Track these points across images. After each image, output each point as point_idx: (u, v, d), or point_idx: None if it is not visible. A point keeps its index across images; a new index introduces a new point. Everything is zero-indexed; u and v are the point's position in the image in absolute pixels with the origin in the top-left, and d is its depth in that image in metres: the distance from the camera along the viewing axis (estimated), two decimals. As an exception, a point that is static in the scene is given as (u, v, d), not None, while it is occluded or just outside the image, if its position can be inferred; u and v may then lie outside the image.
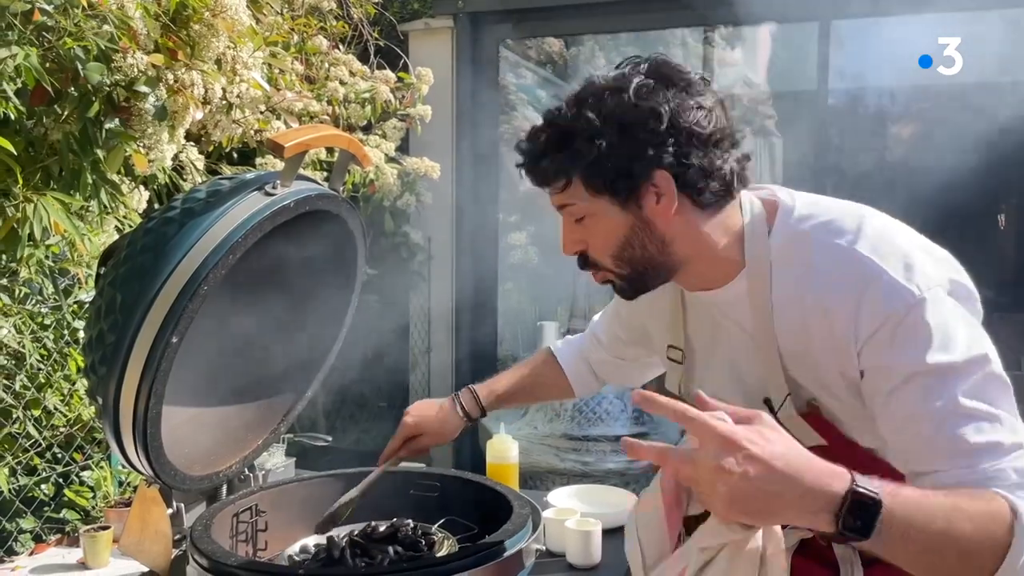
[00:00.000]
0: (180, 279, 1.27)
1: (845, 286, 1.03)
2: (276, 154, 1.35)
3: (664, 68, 1.06)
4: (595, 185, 1.07)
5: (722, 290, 1.15)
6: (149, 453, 1.32)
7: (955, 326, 1.00)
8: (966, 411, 0.97)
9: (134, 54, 1.67)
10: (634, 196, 1.06)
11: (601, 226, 1.10)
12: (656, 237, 1.09)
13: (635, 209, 1.07)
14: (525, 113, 4.29)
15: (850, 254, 1.04)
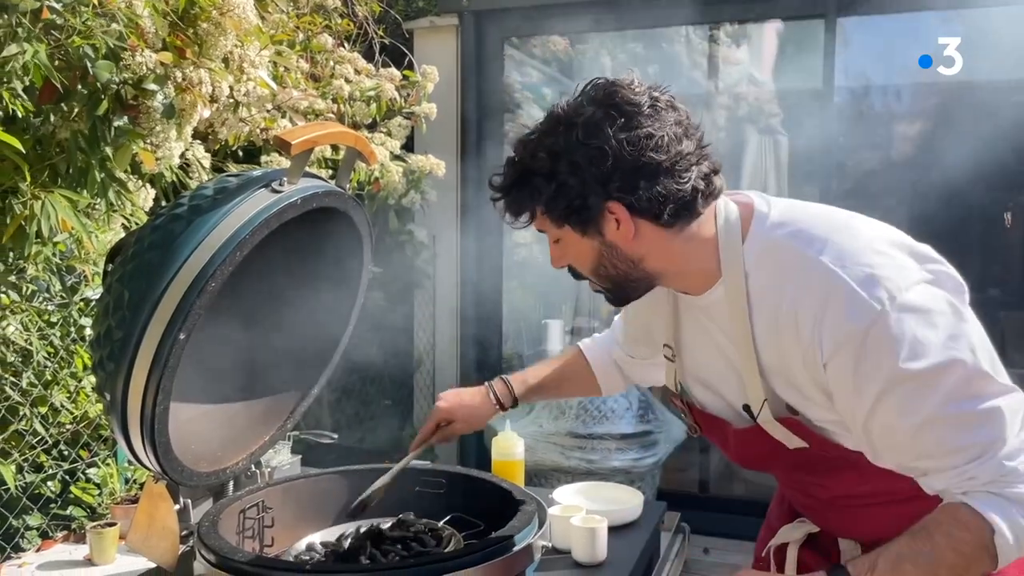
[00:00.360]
0: (188, 276, 1.27)
1: (810, 298, 1.05)
2: (283, 151, 1.35)
3: (614, 96, 1.08)
4: (555, 218, 1.13)
5: (702, 296, 1.19)
6: (157, 449, 1.33)
7: (924, 333, 1.01)
8: (945, 417, 1.01)
9: (142, 52, 1.68)
10: (593, 225, 1.11)
11: (572, 250, 1.16)
12: (623, 257, 1.14)
13: (597, 235, 1.12)
14: (530, 111, 4.29)
15: (815, 264, 1.06)
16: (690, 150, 1.09)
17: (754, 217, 1.14)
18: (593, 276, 1.18)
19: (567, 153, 1.08)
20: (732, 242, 1.13)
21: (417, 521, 1.55)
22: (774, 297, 1.09)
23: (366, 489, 1.52)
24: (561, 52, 4.46)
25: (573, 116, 1.09)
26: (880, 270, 1.04)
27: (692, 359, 1.28)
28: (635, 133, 1.06)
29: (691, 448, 3.83)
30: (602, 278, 1.18)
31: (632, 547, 1.66)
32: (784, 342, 1.09)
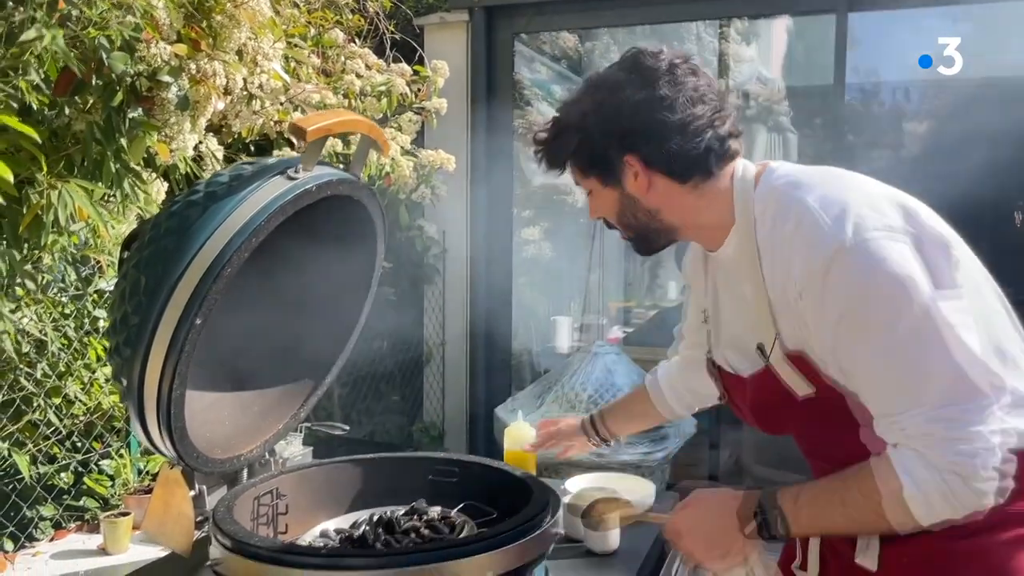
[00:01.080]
0: (204, 261, 1.28)
1: (791, 232, 1.15)
2: (298, 138, 1.36)
3: (637, 61, 1.23)
4: (581, 169, 1.29)
5: (719, 251, 1.29)
6: (173, 434, 1.34)
7: (887, 275, 1.07)
8: (890, 358, 1.08)
9: (157, 44, 1.69)
10: (614, 176, 1.26)
11: (600, 200, 1.31)
12: (642, 208, 1.27)
13: (618, 186, 1.26)
14: (539, 108, 4.29)
15: (797, 203, 1.16)
16: (704, 113, 1.21)
17: (765, 170, 1.25)
18: (619, 225, 1.32)
19: (593, 111, 1.23)
20: (745, 193, 1.24)
21: (430, 509, 1.55)
22: (771, 238, 1.19)
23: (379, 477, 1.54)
24: (570, 49, 4.47)
25: (602, 79, 1.26)
26: (856, 209, 1.11)
27: (721, 316, 1.37)
28: (650, 93, 1.19)
29: (700, 444, 3.83)
30: (626, 227, 1.31)
31: (644, 537, 1.66)
32: (783, 284, 1.17)
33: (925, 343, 1.06)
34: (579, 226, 4.90)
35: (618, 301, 4.95)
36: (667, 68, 1.21)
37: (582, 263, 4.87)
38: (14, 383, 2.13)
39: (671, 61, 1.22)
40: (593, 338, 4.36)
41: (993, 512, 1.08)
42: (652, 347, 4.00)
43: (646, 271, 5.23)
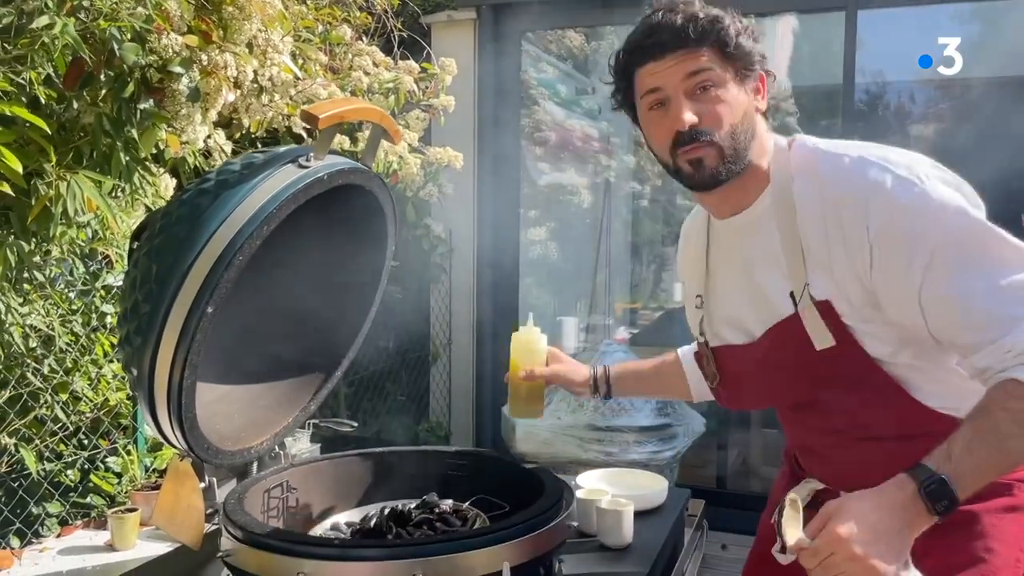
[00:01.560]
0: (215, 249, 1.27)
1: (856, 184, 1.16)
2: (311, 125, 1.34)
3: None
4: (730, 56, 1.22)
5: (749, 210, 1.29)
6: (183, 424, 1.32)
7: (960, 205, 1.13)
8: (986, 286, 1.09)
9: (168, 35, 1.68)
10: (750, 80, 1.24)
11: (728, 95, 1.23)
12: (752, 125, 1.25)
13: (747, 93, 1.24)
14: (546, 107, 4.29)
15: (856, 159, 1.19)
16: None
17: (796, 140, 1.29)
18: (731, 129, 1.23)
19: (744, 23, 1.25)
20: (780, 152, 1.27)
21: (442, 502, 1.54)
22: (816, 196, 1.20)
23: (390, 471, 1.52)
24: (576, 48, 4.46)
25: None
26: (912, 164, 1.17)
27: (722, 289, 1.39)
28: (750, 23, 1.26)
29: (709, 444, 3.81)
30: (734, 136, 1.23)
31: (658, 532, 1.65)
32: (828, 240, 1.19)
33: (1012, 263, 1.10)
34: (585, 226, 4.89)
35: (624, 302, 4.93)
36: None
37: (588, 264, 4.85)
38: (21, 378, 2.11)
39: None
40: (599, 339, 4.35)
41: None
42: (658, 348, 3.98)
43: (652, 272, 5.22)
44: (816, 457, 1.38)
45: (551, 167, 4.52)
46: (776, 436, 3.85)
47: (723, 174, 1.25)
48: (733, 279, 1.36)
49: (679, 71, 1.21)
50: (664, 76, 1.22)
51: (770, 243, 1.26)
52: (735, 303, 1.35)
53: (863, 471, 1.25)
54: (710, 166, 1.24)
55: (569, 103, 4.55)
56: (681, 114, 1.21)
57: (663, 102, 1.24)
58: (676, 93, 1.22)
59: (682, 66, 1.21)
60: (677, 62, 1.21)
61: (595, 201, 4.85)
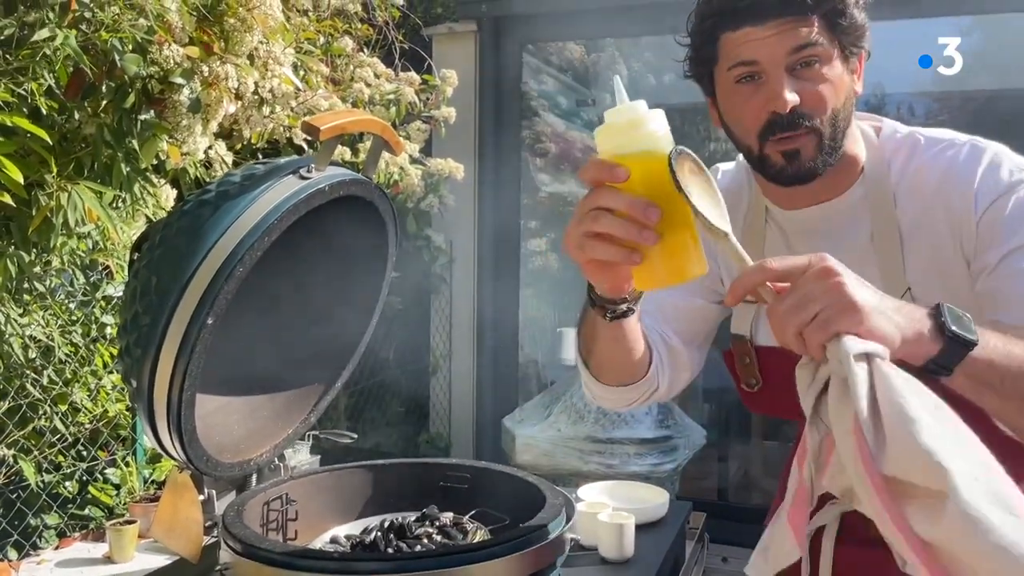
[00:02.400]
0: (216, 260, 1.26)
1: (968, 166, 1.08)
2: (312, 136, 1.34)
3: None
4: (840, 31, 1.06)
5: (838, 200, 1.16)
6: (183, 436, 1.31)
7: None
8: None
9: (170, 46, 1.68)
10: (852, 59, 1.10)
11: (834, 75, 1.07)
12: (851, 111, 1.12)
13: (850, 73, 1.10)
14: (547, 118, 4.29)
15: (962, 143, 1.11)
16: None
17: (883, 127, 1.18)
18: (833, 113, 1.07)
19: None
20: (871, 138, 1.16)
21: (442, 515, 1.53)
22: (921, 183, 1.11)
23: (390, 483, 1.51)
24: (576, 60, 4.47)
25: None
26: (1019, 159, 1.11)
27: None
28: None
29: (710, 456, 3.80)
30: (835, 121, 1.08)
31: (659, 545, 1.64)
32: (933, 218, 1.10)
33: None
34: (586, 237, 4.88)
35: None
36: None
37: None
38: (20, 389, 2.11)
39: None
40: (600, 350, 4.33)
41: None
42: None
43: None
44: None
45: (552, 178, 4.52)
46: (777, 448, 3.83)
47: (820, 167, 1.10)
48: None
49: (783, 42, 1.03)
50: (763, 46, 1.03)
51: (857, 239, 1.14)
52: None
53: None
54: (807, 158, 1.08)
55: (570, 114, 4.56)
56: (782, 92, 1.03)
57: (756, 76, 1.06)
58: (776, 68, 1.04)
59: (787, 37, 1.03)
60: (780, 31, 1.03)
61: (596, 212, 4.85)
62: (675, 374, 1.32)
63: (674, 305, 1.32)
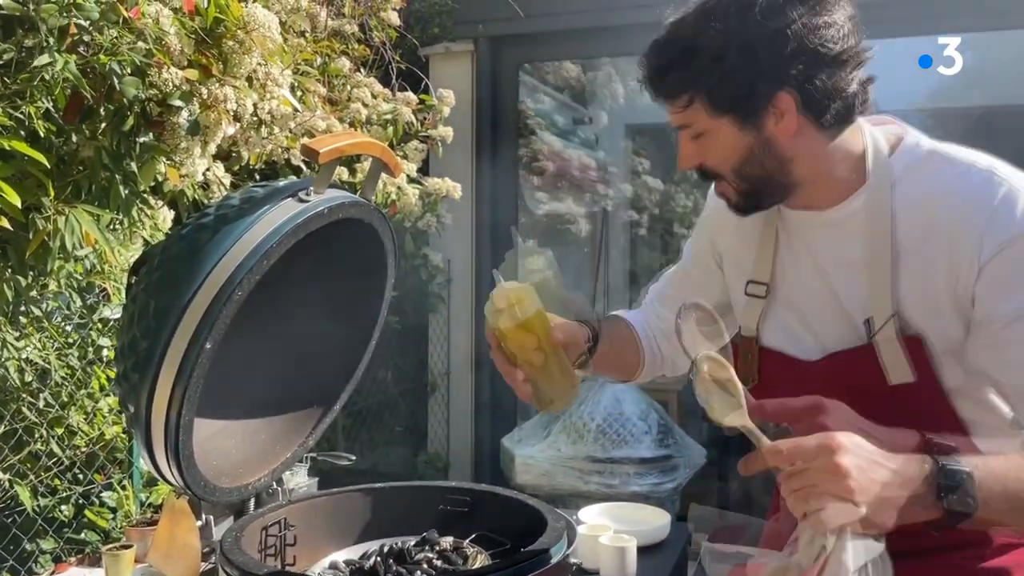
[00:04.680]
0: (214, 285, 1.26)
1: (976, 201, 1.03)
2: (311, 159, 1.34)
3: None
4: (717, 106, 1.05)
5: (834, 209, 1.13)
6: (180, 462, 1.30)
7: None
8: None
9: (168, 69, 1.68)
10: (754, 117, 1.05)
11: (720, 144, 1.08)
12: (775, 156, 1.08)
13: (755, 130, 1.06)
14: (543, 137, 4.31)
15: (981, 172, 1.05)
16: (856, 47, 1.04)
17: (905, 139, 1.12)
18: (734, 175, 1.10)
19: (740, 34, 1.01)
20: (880, 151, 1.10)
21: (442, 539, 1.51)
22: (925, 204, 1.07)
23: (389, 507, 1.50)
24: (573, 79, 4.50)
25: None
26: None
27: (786, 295, 1.21)
28: (817, 20, 1.01)
29: (710, 474, 3.77)
30: (744, 178, 1.10)
31: (661, 568, 1.62)
32: (931, 251, 1.06)
33: None
34: (583, 255, 4.89)
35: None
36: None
37: (587, 292, 4.84)
38: (16, 413, 2.09)
39: None
40: (598, 368, 4.32)
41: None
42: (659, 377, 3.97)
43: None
44: None
45: (549, 196, 4.53)
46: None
47: (751, 207, 1.13)
48: (804, 277, 1.19)
49: (673, 117, 1.10)
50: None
51: (851, 252, 1.12)
52: (803, 306, 1.19)
53: None
54: (735, 203, 1.13)
55: (566, 133, 4.58)
56: (681, 155, 1.12)
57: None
58: (679, 131, 1.11)
59: (673, 115, 1.10)
60: (667, 107, 1.10)
61: (593, 230, 4.86)
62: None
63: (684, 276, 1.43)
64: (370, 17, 3.07)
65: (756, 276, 1.24)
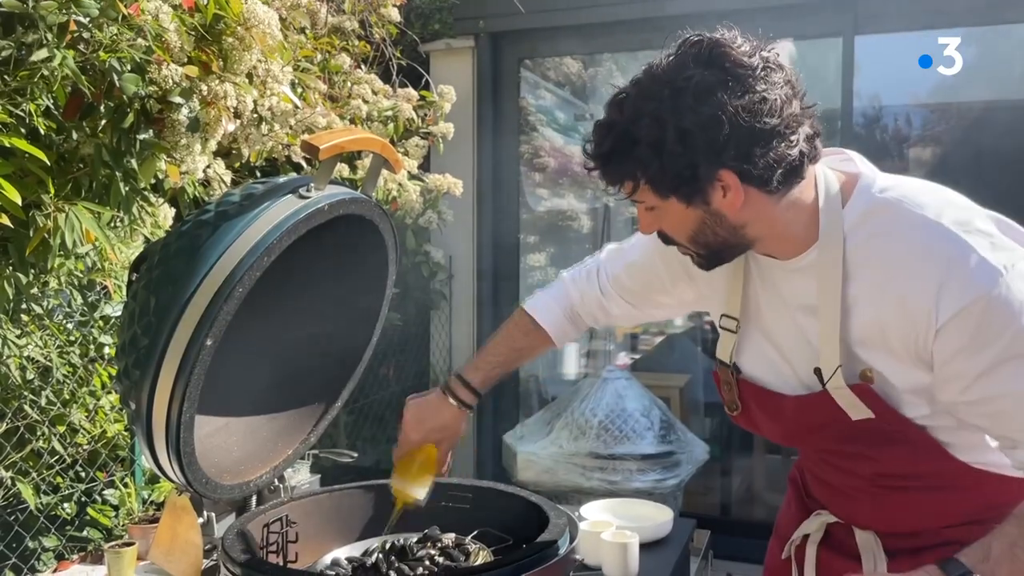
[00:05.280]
0: (215, 281, 1.25)
1: (930, 259, 1.03)
2: (311, 156, 1.34)
3: (724, 59, 1.02)
4: (657, 190, 1.08)
5: (791, 262, 1.16)
6: (181, 459, 1.30)
7: None
8: None
9: (168, 66, 1.68)
10: (700, 195, 1.07)
11: (671, 219, 1.12)
12: (727, 225, 1.10)
13: (703, 205, 1.08)
14: (544, 133, 4.30)
15: (935, 227, 1.04)
16: (797, 111, 1.05)
17: (860, 182, 1.12)
18: (689, 244, 1.15)
19: (676, 119, 1.02)
20: (832, 205, 1.11)
21: (444, 536, 1.51)
22: (878, 257, 1.08)
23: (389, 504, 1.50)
24: (574, 75, 4.49)
25: (678, 79, 1.02)
26: (996, 239, 1.04)
27: (761, 328, 1.24)
28: (750, 98, 1.01)
29: (713, 471, 3.77)
30: (699, 245, 1.14)
31: (663, 564, 1.62)
32: (884, 306, 1.07)
33: None
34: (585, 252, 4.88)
35: (625, 328, 4.91)
36: (761, 64, 1.02)
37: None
38: (18, 411, 2.09)
39: (762, 55, 1.03)
40: (600, 365, 4.32)
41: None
42: (661, 373, 3.96)
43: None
44: (832, 492, 1.31)
45: (550, 193, 4.52)
46: (781, 462, 3.81)
47: (714, 264, 1.17)
48: (775, 311, 1.21)
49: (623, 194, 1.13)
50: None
51: (806, 301, 1.15)
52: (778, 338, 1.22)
53: (882, 514, 1.23)
54: (695, 261, 1.18)
55: (567, 129, 4.57)
56: (640, 224, 1.17)
57: None
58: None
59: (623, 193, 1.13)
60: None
61: (594, 226, 4.85)
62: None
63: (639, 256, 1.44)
64: (370, 13, 3.06)
65: (727, 310, 1.27)
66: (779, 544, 1.41)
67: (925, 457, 1.14)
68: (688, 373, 3.88)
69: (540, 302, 1.52)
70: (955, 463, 1.14)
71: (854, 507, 1.27)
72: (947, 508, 1.18)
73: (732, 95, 1.00)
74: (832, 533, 1.32)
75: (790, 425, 1.24)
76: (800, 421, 1.22)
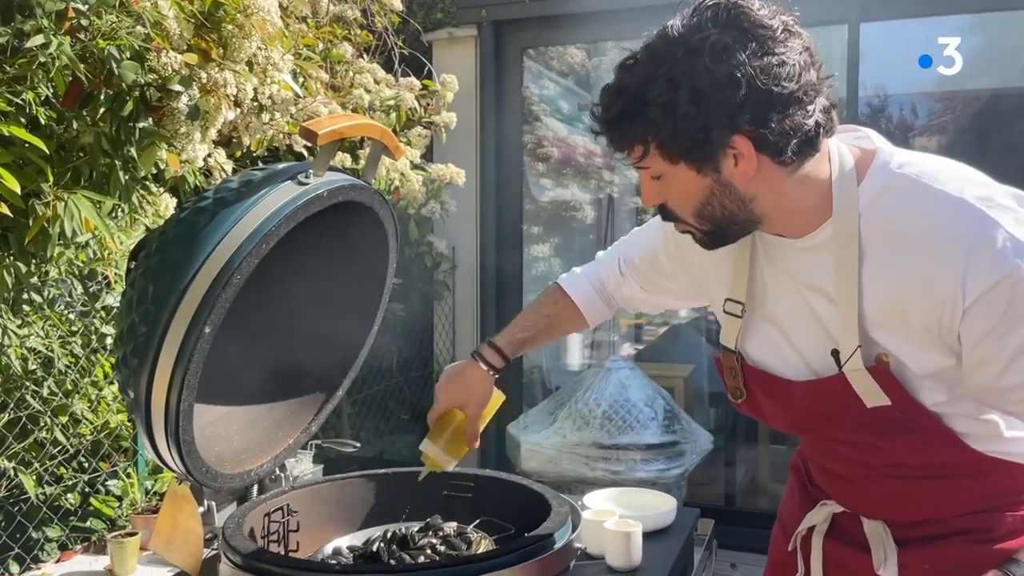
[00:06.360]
0: (213, 268, 1.25)
1: (954, 236, 0.99)
2: (310, 141, 1.33)
3: (743, 19, 0.98)
4: (670, 154, 1.03)
5: (804, 239, 1.11)
6: (181, 447, 1.30)
7: None
8: None
9: (167, 53, 1.67)
10: (711, 161, 1.02)
11: (678, 187, 1.06)
12: (736, 197, 1.05)
13: (713, 173, 1.03)
14: (548, 123, 4.28)
15: (958, 203, 1.00)
16: (815, 80, 1.00)
17: (877, 157, 1.08)
18: (694, 217, 1.09)
19: (690, 81, 0.97)
20: (847, 180, 1.06)
21: (445, 525, 1.51)
22: (898, 234, 1.03)
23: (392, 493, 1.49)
24: (577, 64, 4.46)
25: (694, 39, 0.98)
26: (1020, 214, 0.99)
27: (768, 312, 1.19)
28: (768, 60, 0.96)
29: (716, 461, 3.76)
30: (704, 219, 1.08)
31: (667, 553, 1.61)
32: (904, 285, 1.03)
33: None
34: (589, 242, 4.87)
35: (629, 318, 4.90)
36: (781, 27, 0.98)
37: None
38: (20, 401, 2.09)
39: (781, 18, 0.99)
40: (604, 355, 4.31)
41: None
42: (665, 363, 3.95)
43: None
44: (838, 481, 1.27)
45: (554, 183, 4.51)
46: (785, 452, 3.80)
47: (717, 243, 1.12)
48: (784, 294, 1.16)
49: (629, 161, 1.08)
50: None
51: (823, 278, 1.10)
52: (786, 322, 1.17)
53: (891, 503, 1.20)
54: (697, 238, 1.12)
55: (571, 119, 4.55)
56: (643, 195, 1.11)
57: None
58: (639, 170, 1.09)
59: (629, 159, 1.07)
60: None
61: (598, 217, 4.84)
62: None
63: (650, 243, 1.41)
64: (372, 2, 3.04)
65: (733, 294, 1.22)
66: (783, 533, 1.39)
67: (938, 446, 1.11)
68: (692, 363, 3.87)
69: (573, 276, 1.51)
70: (969, 452, 1.10)
71: (861, 496, 1.24)
72: (960, 496, 1.15)
73: (751, 55, 0.96)
74: (838, 523, 1.28)
75: (798, 413, 1.20)
76: (810, 408, 1.17)
